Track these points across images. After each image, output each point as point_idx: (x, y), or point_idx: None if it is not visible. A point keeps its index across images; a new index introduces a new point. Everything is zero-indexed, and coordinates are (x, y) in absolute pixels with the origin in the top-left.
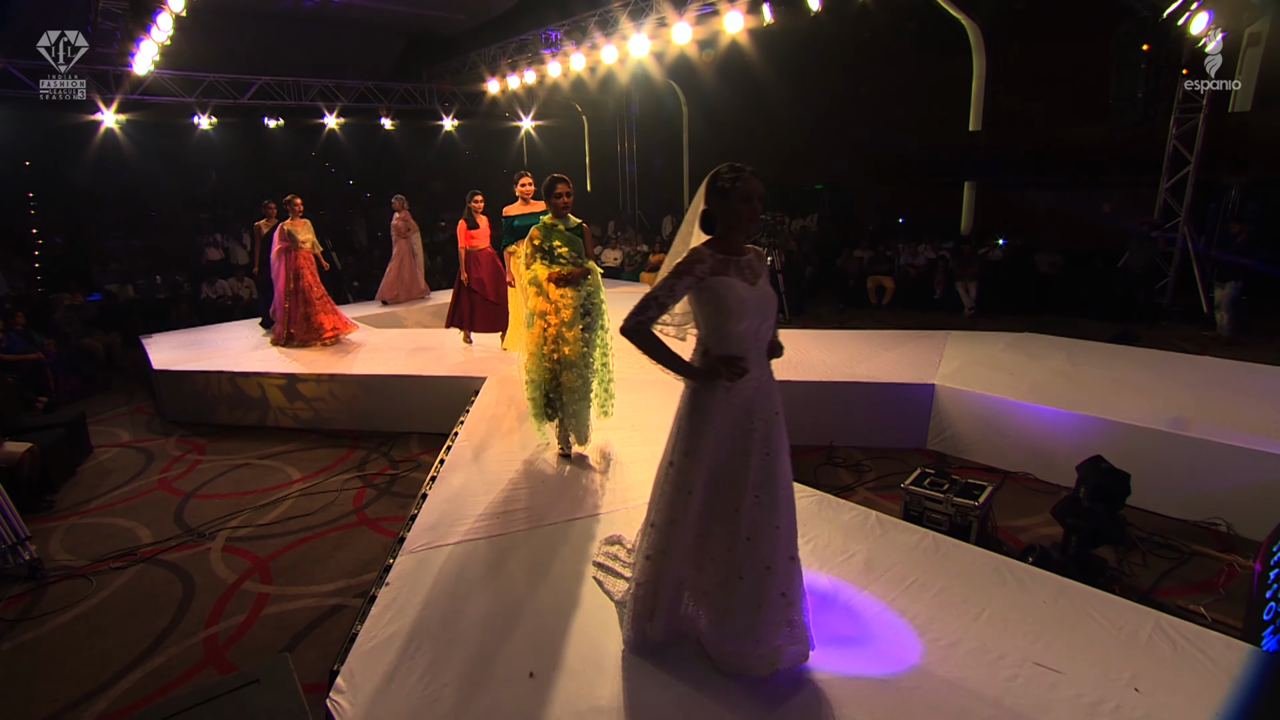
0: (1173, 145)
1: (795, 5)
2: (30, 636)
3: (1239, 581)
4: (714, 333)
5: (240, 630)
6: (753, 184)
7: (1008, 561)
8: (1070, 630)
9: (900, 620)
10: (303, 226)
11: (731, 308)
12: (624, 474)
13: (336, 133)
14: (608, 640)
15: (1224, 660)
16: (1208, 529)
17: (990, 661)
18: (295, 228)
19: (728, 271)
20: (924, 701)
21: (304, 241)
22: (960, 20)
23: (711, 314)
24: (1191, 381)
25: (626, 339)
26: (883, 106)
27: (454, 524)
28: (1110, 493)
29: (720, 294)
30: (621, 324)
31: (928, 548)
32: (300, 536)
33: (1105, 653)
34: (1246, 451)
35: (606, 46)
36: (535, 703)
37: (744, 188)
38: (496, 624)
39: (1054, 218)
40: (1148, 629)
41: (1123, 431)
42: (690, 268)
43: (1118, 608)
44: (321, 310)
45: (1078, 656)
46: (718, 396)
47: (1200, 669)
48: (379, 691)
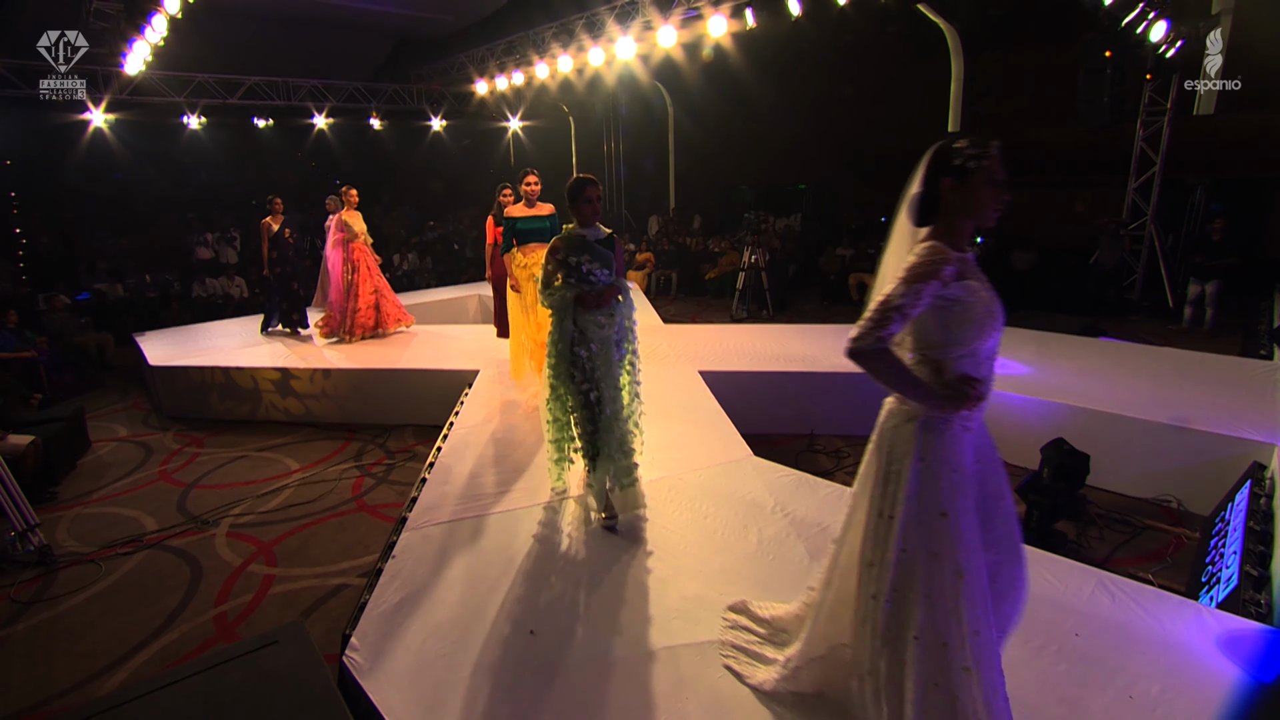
0: (1140, 147)
1: (777, 10)
2: (46, 617)
3: (1185, 552)
4: (952, 350)
5: (249, 608)
6: (998, 165)
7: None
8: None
9: None
10: (356, 218)
11: (982, 319)
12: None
13: (326, 133)
14: (602, 600)
15: (1155, 610)
16: (1160, 505)
17: None
18: (351, 219)
19: (970, 274)
20: None
21: (356, 232)
22: (939, 25)
23: (955, 327)
24: (1151, 370)
25: (856, 361)
26: (864, 108)
27: (454, 502)
28: (1070, 472)
29: (968, 303)
30: (852, 343)
31: None
32: (302, 522)
33: (1052, 605)
34: (1196, 433)
35: (594, 49)
36: (537, 655)
37: (990, 167)
38: (498, 589)
39: (1029, 217)
40: (1091, 585)
41: (1084, 416)
42: (936, 269)
43: (1066, 568)
44: (385, 301)
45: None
46: (954, 429)
47: (1134, 618)
48: (390, 650)
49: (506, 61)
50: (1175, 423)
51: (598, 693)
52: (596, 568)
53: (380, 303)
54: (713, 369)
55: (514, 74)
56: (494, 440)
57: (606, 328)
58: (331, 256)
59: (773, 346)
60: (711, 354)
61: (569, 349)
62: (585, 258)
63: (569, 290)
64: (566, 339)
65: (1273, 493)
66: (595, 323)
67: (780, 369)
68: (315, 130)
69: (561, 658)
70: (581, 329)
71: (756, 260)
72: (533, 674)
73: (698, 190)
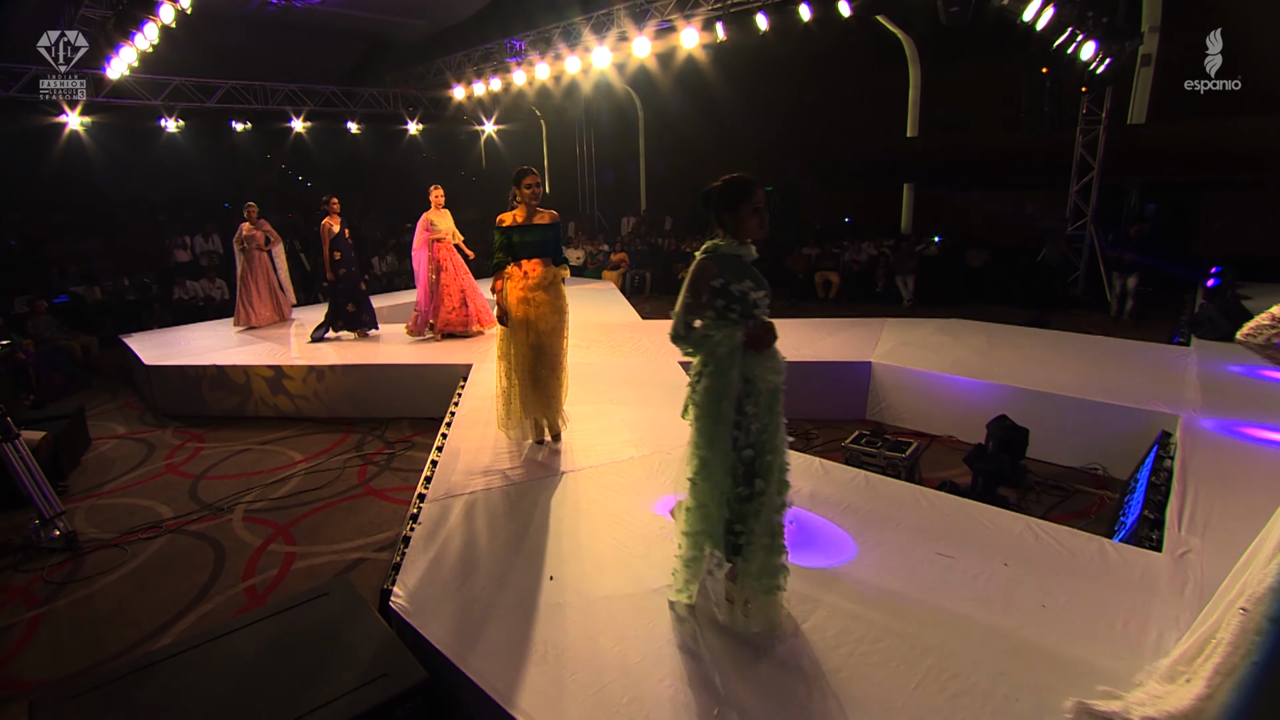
0: (1079, 153)
1: (745, 24)
2: (83, 594)
3: (1107, 510)
4: None
5: (276, 581)
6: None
7: (924, 490)
8: (963, 532)
9: (838, 531)
10: (443, 217)
11: None
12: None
13: (303, 136)
14: (611, 549)
15: (1069, 544)
16: (1089, 472)
17: (904, 553)
18: (437, 218)
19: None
20: (854, 579)
21: (444, 232)
22: (897, 35)
23: None
24: (1085, 356)
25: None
26: (828, 114)
27: (468, 478)
28: (1012, 444)
29: None
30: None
31: (860, 483)
32: (313, 506)
33: (986, 544)
34: (1119, 408)
35: (570, 57)
36: (556, 595)
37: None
38: (517, 546)
39: (982, 217)
40: (1019, 528)
41: (1025, 396)
42: None
43: (999, 515)
44: (473, 301)
45: (966, 547)
46: None
47: (1052, 551)
48: (429, 597)
49: (484, 68)
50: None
51: (612, 623)
52: (606, 524)
53: (468, 302)
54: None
55: (491, 80)
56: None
57: (779, 373)
58: (417, 256)
59: None
60: None
61: (734, 407)
62: (749, 284)
63: (735, 329)
64: (733, 394)
65: (1174, 454)
66: (768, 368)
67: None
68: (293, 134)
69: (578, 596)
70: (749, 378)
71: None
72: (554, 611)
73: (668, 192)
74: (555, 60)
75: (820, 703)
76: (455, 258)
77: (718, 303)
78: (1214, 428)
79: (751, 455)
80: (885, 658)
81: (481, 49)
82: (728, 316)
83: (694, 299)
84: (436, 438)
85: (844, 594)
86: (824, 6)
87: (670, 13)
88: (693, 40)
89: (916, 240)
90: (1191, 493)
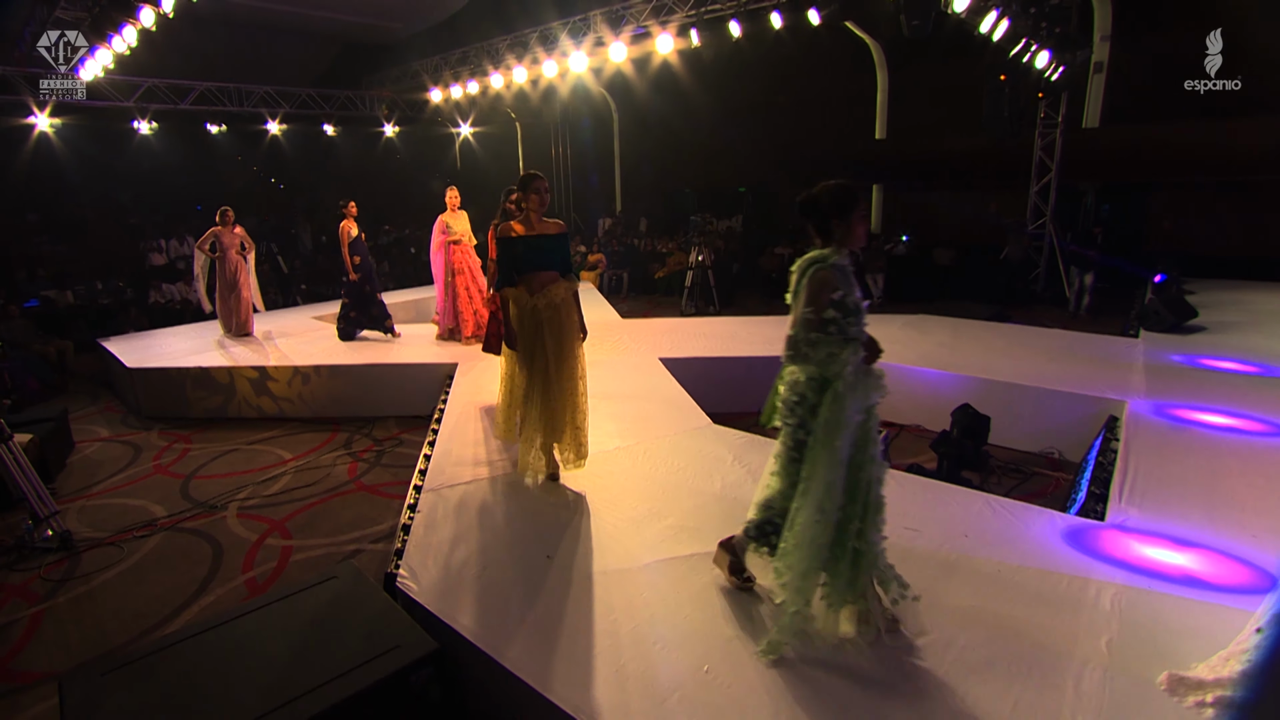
0: (1038, 156)
1: (719, 30)
2: (82, 590)
3: (1062, 490)
4: None
5: (275, 573)
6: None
7: (893, 472)
8: (929, 508)
9: None
10: (458, 219)
11: None
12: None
13: (279, 139)
14: (603, 530)
15: (1021, 517)
16: (1046, 456)
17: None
18: (452, 220)
19: None
20: None
21: (460, 234)
22: (865, 41)
23: None
24: (1043, 348)
25: None
26: (799, 117)
27: (463, 470)
28: (975, 431)
29: None
30: None
31: None
32: (306, 502)
33: (949, 518)
34: (1073, 396)
35: (547, 61)
36: (554, 573)
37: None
38: (516, 529)
39: (948, 217)
40: (979, 504)
41: (987, 386)
42: None
43: (960, 493)
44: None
45: (931, 521)
46: None
47: (1008, 523)
48: (433, 576)
49: (461, 70)
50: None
51: (605, 596)
52: (597, 508)
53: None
54: (671, 356)
55: (469, 83)
56: (486, 420)
57: (883, 390)
58: (435, 259)
59: (722, 336)
60: (669, 343)
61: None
62: (858, 295)
63: (855, 344)
64: (853, 421)
65: (1119, 436)
66: (877, 384)
67: (731, 354)
68: (268, 136)
69: (574, 573)
70: (865, 393)
71: (703, 260)
72: (553, 586)
73: (643, 193)
74: (533, 64)
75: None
76: (472, 260)
77: (838, 315)
78: (1155, 411)
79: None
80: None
81: (458, 52)
82: (846, 330)
83: (816, 313)
84: (427, 433)
85: None
86: (794, 14)
87: (646, 19)
88: (668, 46)
89: (885, 239)
90: (1132, 469)
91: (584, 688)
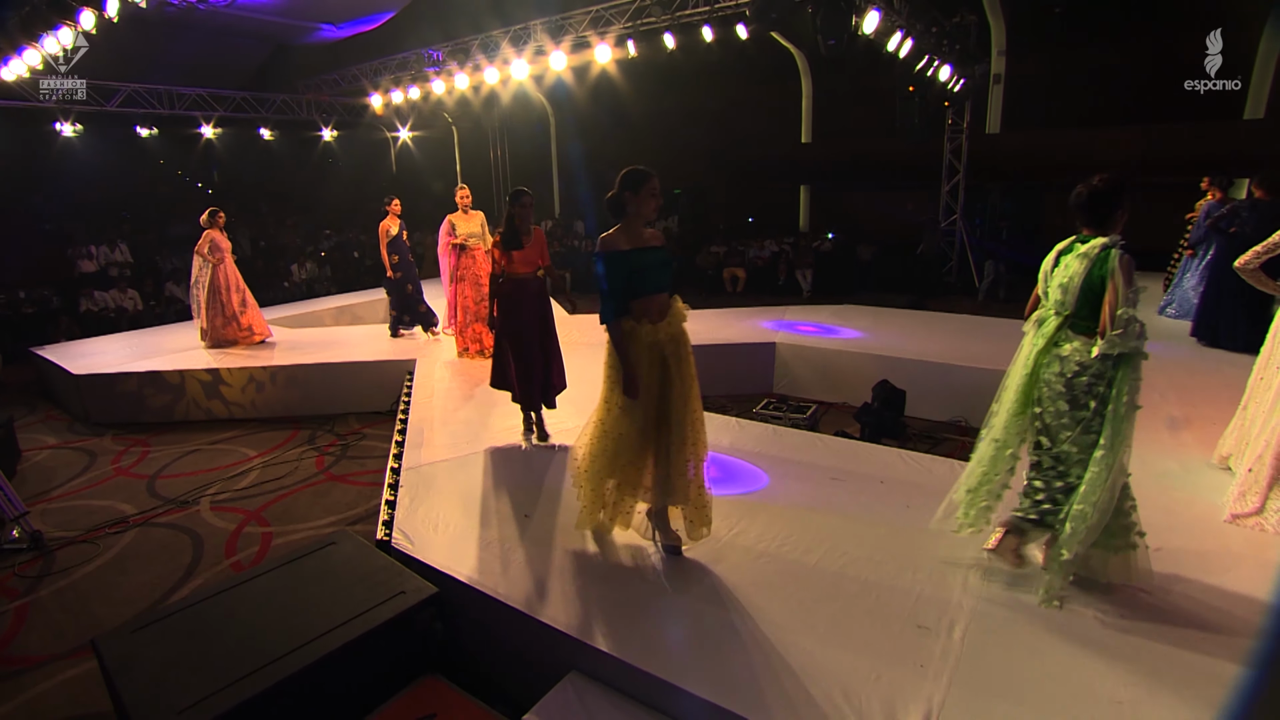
0: (948, 159)
1: (654, 41)
2: (64, 584)
3: (968, 451)
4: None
5: (259, 556)
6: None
7: (821, 436)
8: (851, 463)
9: (753, 468)
10: (465, 221)
11: None
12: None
13: (213, 143)
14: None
15: (929, 466)
16: (955, 424)
17: (805, 480)
18: (458, 221)
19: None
20: (764, 501)
21: (465, 237)
22: (791, 51)
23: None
24: (954, 330)
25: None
26: (731, 122)
27: (438, 449)
28: (893, 403)
29: None
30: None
31: (769, 435)
32: (279, 493)
33: (869, 470)
34: (976, 369)
35: (489, 69)
36: (533, 529)
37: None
38: (496, 493)
39: (870, 216)
40: (893, 458)
41: (903, 364)
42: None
43: (878, 449)
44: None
45: (852, 472)
46: None
47: (916, 471)
48: (424, 538)
49: (402, 76)
50: (966, 364)
51: (579, 549)
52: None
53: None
54: None
55: (409, 89)
56: (453, 405)
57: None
58: (442, 263)
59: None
60: None
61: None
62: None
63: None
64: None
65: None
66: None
67: None
68: (202, 140)
69: (552, 529)
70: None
71: None
72: (534, 537)
73: (579, 198)
74: (475, 71)
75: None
76: (479, 268)
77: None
78: None
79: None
80: (795, 547)
81: (399, 57)
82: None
83: (1135, 292)
84: (395, 421)
85: (762, 510)
86: (724, 28)
87: (585, 29)
88: (606, 55)
89: (813, 237)
90: None
91: (567, 611)
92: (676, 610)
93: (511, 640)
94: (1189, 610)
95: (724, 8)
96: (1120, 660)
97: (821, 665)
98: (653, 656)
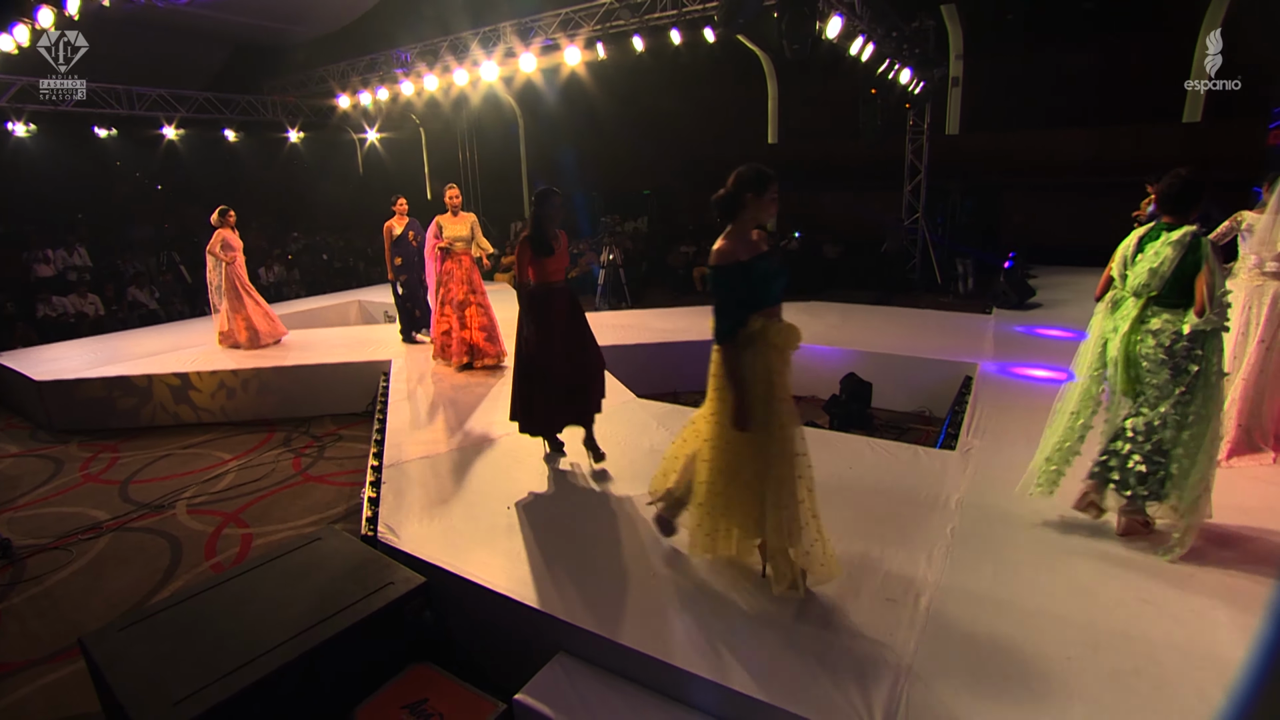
0: (909, 159)
1: (623, 44)
2: (38, 590)
3: (932, 439)
4: None
5: (240, 557)
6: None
7: None
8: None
9: None
10: (454, 223)
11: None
12: None
13: (176, 144)
14: (554, 485)
15: (896, 452)
16: (920, 415)
17: None
18: (448, 223)
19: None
20: None
21: (450, 239)
22: (757, 54)
23: None
24: (917, 326)
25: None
26: (698, 123)
27: (417, 447)
28: (860, 395)
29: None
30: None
31: None
32: (256, 495)
33: (837, 456)
34: (939, 362)
35: (458, 70)
36: (516, 520)
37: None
38: (475, 489)
39: (835, 215)
40: (862, 444)
41: (870, 357)
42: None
43: (847, 438)
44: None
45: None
46: None
47: (884, 459)
48: (409, 531)
49: (370, 77)
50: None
51: (562, 538)
52: (546, 467)
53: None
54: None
55: (378, 90)
56: (430, 407)
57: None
58: (428, 267)
59: (637, 326)
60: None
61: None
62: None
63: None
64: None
65: (971, 390)
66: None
67: (647, 341)
68: (164, 141)
69: (533, 520)
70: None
71: (614, 259)
72: (515, 531)
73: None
74: (444, 73)
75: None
76: (463, 272)
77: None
78: (999, 370)
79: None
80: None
81: (367, 58)
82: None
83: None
84: (374, 421)
85: None
86: (692, 31)
87: (554, 32)
88: (575, 58)
89: (780, 236)
90: (978, 413)
91: (553, 595)
92: (658, 589)
93: (500, 625)
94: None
95: (691, 11)
96: (1070, 624)
97: (798, 636)
98: (636, 634)
